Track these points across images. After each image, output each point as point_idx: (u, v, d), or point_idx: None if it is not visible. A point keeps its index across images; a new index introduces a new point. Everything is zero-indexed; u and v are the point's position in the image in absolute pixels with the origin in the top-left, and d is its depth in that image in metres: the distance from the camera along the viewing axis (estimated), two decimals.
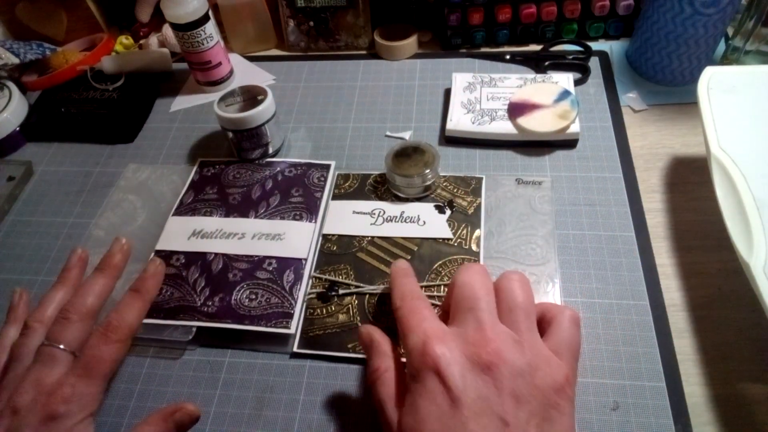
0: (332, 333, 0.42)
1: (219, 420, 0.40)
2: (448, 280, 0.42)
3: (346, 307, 0.43)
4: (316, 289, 0.44)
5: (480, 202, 0.48)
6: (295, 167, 0.54)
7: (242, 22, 0.67)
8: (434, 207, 0.48)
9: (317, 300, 0.44)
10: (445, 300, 0.38)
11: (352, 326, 0.42)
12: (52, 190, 0.57)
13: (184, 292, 0.45)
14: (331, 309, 0.43)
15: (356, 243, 0.47)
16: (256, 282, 0.45)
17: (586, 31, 0.63)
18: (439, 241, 0.46)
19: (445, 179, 0.50)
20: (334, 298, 0.44)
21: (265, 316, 0.43)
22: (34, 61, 0.66)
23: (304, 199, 0.51)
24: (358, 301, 0.44)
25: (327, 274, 0.45)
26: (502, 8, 0.62)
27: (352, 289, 0.44)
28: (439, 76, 0.62)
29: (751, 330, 0.40)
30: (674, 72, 0.56)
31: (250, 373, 0.42)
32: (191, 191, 0.53)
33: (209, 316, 0.43)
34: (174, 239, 0.49)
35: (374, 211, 0.49)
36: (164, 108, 0.64)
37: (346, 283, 0.44)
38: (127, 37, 0.72)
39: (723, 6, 0.49)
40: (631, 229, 0.46)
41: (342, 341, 0.41)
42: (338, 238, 0.47)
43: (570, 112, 0.52)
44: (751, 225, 0.37)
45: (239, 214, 0.50)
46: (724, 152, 0.41)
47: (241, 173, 0.54)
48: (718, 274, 0.43)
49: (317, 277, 0.45)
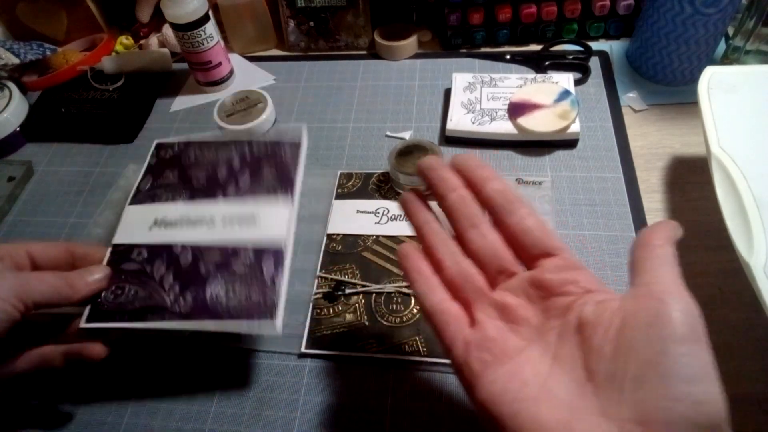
0: (340, 333, 0.42)
1: (219, 420, 0.40)
2: None
3: (353, 307, 0.43)
4: (323, 289, 0.45)
5: None
6: (265, 144, 0.48)
7: (242, 22, 0.67)
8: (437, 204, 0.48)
9: (324, 300, 0.44)
10: None
11: (360, 326, 0.42)
12: (52, 190, 0.57)
13: (150, 290, 0.39)
14: (338, 309, 0.43)
15: (361, 242, 0.47)
16: (231, 273, 0.39)
17: (586, 30, 0.63)
18: None
19: None
20: (340, 297, 0.44)
21: (247, 312, 0.37)
22: (34, 61, 0.66)
23: (277, 177, 0.45)
24: (364, 300, 0.44)
25: (333, 273, 0.45)
26: (502, 8, 0.62)
27: (358, 288, 0.44)
28: (439, 76, 0.62)
29: (751, 330, 0.40)
30: (674, 72, 0.56)
31: (250, 372, 0.42)
32: (149, 176, 0.47)
33: (183, 316, 0.38)
34: (133, 231, 0.43)
35: (378, 210, 0.49)
36: (164, 108, 0.64)
37: (352, 282, 0.45)
38: (127, 37, 0.72)
39: (723, 6, 0.49)
40: (631, 229, 0.46)
41: (350, 340, 0.42)
42: (343, 237, 0.48)
43: (570, 112, 0.51)
44: (751, 225, 0.37)
45: (205, 197, 0.44)
46: (724, 152, 0.41)
47: (203, 152, 0.47)
48: (718, 274, 0.43)
49: (323, 277, 0.45)
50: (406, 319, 0.42)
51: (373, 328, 0.42)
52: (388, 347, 0.41)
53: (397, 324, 0.42)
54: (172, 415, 0.40)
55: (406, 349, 0.41)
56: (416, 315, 0.43)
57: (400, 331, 0.42)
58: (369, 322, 0.42)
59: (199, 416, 0.40)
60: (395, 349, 0.41)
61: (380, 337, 0.41)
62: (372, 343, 0.41)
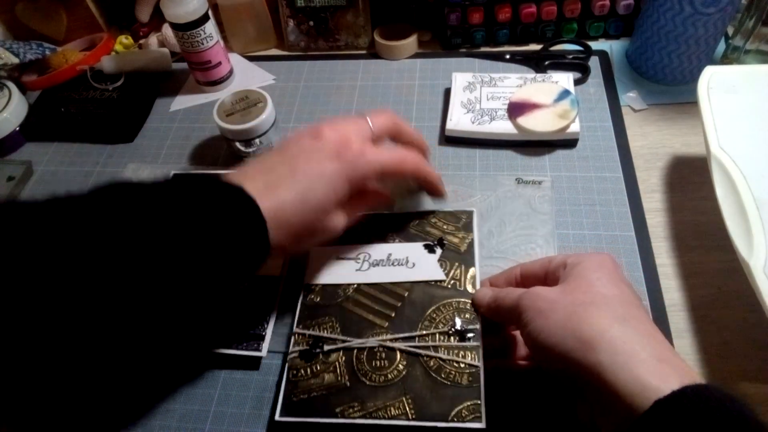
0: (318, 396, 0.38)
1: (219, 419, 0.40)
2: (443, 327, 0.39)
3: (332, 365, 0.39)
4: (299, 346, 0.40)
5: (473, 237, 0.44)
6: None
7: (242, 22, 0.67)
8: (423, 246, 0.43)
9: (300, 360, 0.39)
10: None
11: (340, 387, 0.38)
12: (51, 190, 0.56)
13: None
14: (316, 368, 0.39)
15: (341, 292, 0.42)
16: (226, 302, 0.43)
17: (586, 30, 0.63)
18: (431, 284, 0.41)
19: (433, 215, 0.45)
20: (318, 355, 0.39)
21: (236, 339, 0.41)
22: (33, 60, 0.66)
23: None
24: (345, 357, 0.39)
25: (311, 329, 0.41)
26: (502, 8, 0.62)
27: (338, 344, 0.39)
28: (439, 75, 0.62)
29: (751, 330, 0.40)
30: (674, 71, 0.56)
31: (250, 372, 0.42)
32: None
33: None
34: None
35: (359, 256, 0.44)
36: (164, 108, 0.64)
37: (332, 338, 0.40)
38: (127, 36, 0.72)
39: (723, 5, 0.49)
40: (631, 229, 0.46)
41: (329, 404, 0.37)
42: (322, 288, 0.42)
43: (570, 112, 0.51)
44: (751, 225, 0.37)
45: None
46: (724, 152, 0.41)
47: None
48: (718, 274, 0.43)
49: (300, 333, 0.41)
50: (391, 377, 0.37)
51: (354, 390, 0.37)
52: (372, 410, 0.36)
53: (381, 383, 0.37)
54: (172, 415, 0.40)
55: (393, 413, 0.36)
56: (402, 371, 0.37)
57: (385, 391, 0.37)
58: (350, 383, 0.38)
59: (199, 416, 0.40)
60: (380, 413, 0.36)
61: (363, 400, 0.37)
62: (354, 407, 0.37)
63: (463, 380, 0.36)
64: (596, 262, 0.34)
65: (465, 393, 0.36)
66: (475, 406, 0.35)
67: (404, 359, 0.38)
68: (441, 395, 0.36)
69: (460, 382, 0.36)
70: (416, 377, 0.37)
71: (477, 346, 0.37)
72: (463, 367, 0.37)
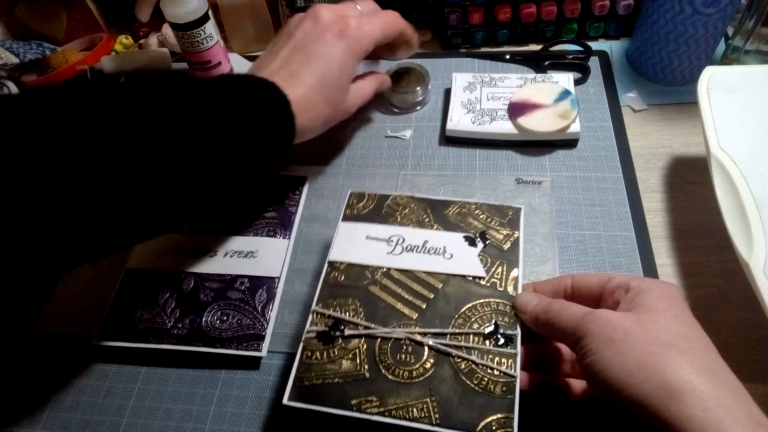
0: (333, 384, 0.35)
1: (219, 419, 0.40)
2: (477, 327, 0.36)
3: (352, 352, 0.36)
4: (317, 326, 0.37)
5: (518, 236, 0.40)
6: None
7: (242, 22, 0.67)
8: (463, 238, 0.40)
9: (317, 341, 0.36)
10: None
11: (358, 377, 0.34)
12: None
13: (154, 313, 0.43)
14: (334, 353, 0.36)
15: (368, 274, 0.39)
16: (227, 302, 0.43)
17: (586, 30, 0.63)
18: (468, 280, 0.38)
19: (476, 207, 0.42)
20: (338, 339, 0.36)
21: (236, 339, 0.41)
22: (33, 60, 0.66)
23: (278, 214, 0.49)
24: (367, 345, 0.36)
25: (331, 309, 0.38)
26: (502, 8, 0.62)
27: (360, 330, 0.36)
28: (439, 75, 0.62)
29: (751, 330, 0.40)
30: (674, 72, 0.56)
31: (250, 372, 0.42)
32: None
33: (179, 339, 0.42)
34: (145, 258, 0.46)
35: (392, 238, 0.41)
36: None
37: (354, 322, 0.37)
38: (127, 36, 0.72)
39: (723, 5, 0.49)
40: (631, 229, 0.46)
41: (345, 395, 0.34)
42: (347, 267, 0.40)
43: (570, 112, 0.52)
44: (751, 225, 0.37)
45: (210, 231, 0.48)
46: (724, 152, 0.41)
47: None
48: (718, 274, 0.43)
49: (319, 312, 0.38)
50: (416, 374, 0.34)
51: (375, 382, 0.34)
52: (393, 408, 0.33)
53: (405, 379, 0.34)
54: (172, 415, 0.40)
55: (415, 414, 0.33)
56: (429, 370, 0.34)
57: (408, 389, 0.34)
58: (370, 374, 0.35)
59: (199, 416, 0.40)
60: (400, 412, 0.33)
61: (383, 395, 0.34)
62: (372, 402, 0.33)
63: (496, 389, 0.33)
64: (665, 292, 0.31)
65: (497, 404, 0.33)
66: (507, 420, 0.32)
67: (432, 356, 0.35)
68: (470, 402, 0.33)
69: (492, 391, 0.33)
70: (444, 378, 0.34)
71: (515, 354, 0.34)
72: (497, 374, 0.34)
